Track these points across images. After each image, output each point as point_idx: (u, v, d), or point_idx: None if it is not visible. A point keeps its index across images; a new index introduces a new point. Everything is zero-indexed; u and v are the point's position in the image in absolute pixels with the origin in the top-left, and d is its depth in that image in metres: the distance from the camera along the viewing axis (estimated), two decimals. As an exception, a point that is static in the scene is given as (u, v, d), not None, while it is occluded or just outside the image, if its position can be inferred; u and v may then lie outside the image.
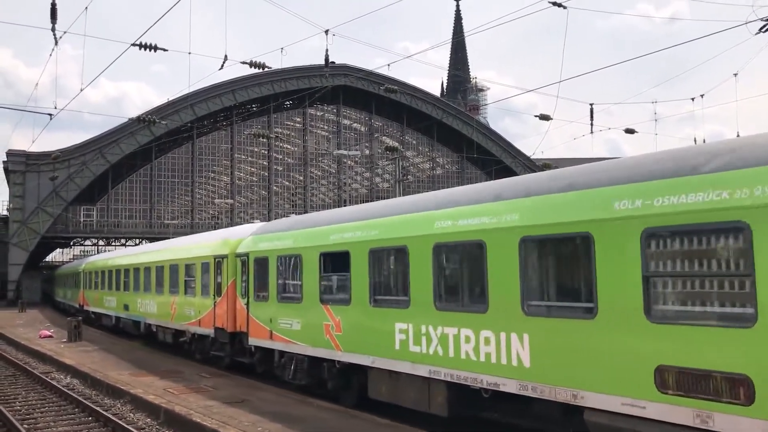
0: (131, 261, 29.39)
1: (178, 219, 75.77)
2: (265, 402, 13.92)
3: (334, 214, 14.89)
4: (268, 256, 16.19)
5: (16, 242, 63.63)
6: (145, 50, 17.75)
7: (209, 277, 19.72)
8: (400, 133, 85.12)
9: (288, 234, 15.69)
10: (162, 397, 14.49)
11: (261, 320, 16.38)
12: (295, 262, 15.02)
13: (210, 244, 20.52)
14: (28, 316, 46.77)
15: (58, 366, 21.55)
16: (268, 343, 16.08)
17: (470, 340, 9.95)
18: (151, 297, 25.60)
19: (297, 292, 14.87)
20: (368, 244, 12.39)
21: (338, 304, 13.31)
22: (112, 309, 31.90)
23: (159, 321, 24.73)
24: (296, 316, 14.73)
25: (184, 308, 21.78)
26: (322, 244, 13.94)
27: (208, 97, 71.34)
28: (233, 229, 21.45)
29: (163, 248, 26.26)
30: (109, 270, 33.24)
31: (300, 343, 14.56)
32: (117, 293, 30.97)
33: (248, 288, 17.19)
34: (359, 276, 12.59)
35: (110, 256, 37.99)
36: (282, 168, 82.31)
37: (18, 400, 16.42)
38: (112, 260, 34.05)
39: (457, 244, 10.45)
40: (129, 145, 68.18)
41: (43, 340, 28.85)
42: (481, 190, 10.75)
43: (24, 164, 63.85)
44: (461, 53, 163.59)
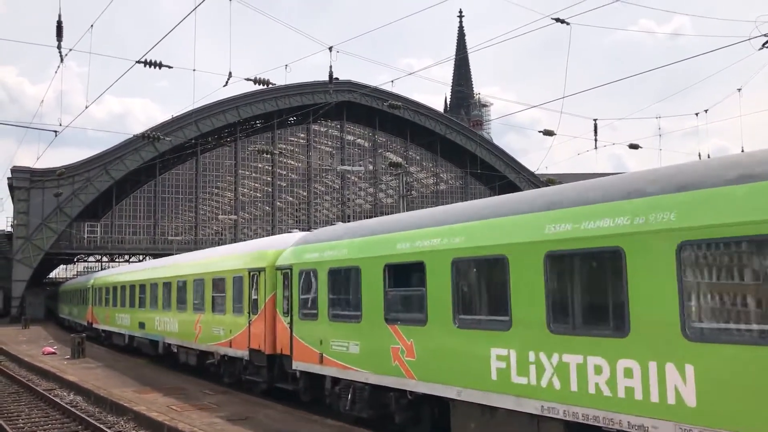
0: (148, 276, 27.24)
1: (181, 235, 75.57)
2: (270, 419, 13.74)
3: (401, 219, 12.93)
4: (316, 268, 14.26)
5: (20, 258, 62.82)
6: (151, 67, 17.92)
7: (243, 292, 17.71)
8: (404, 148, 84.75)
9: (341, 243, 13.80)
10: (165, 415, 14.32)
11: (308, 342, 14.38)
12: (352, 275, 13.10)
13: (243, 256, 18.47)
14: (31, 332, 46.21)
15: (61, 383, 21.31)
16: (317, 368, 14.02)
17: (602, 370, 8.00)
18: (171, 315, 23.52)
19: (355, 310, 12.90)
20: (451, 254, 10.46)
21: (410, 324, 11.33)
22: (125, 327, 29.83)
23: (181, 341, 22.57)
24: (354, 337, 12.78)
25: (211, 327, 19.69)
26: (387, 253, 12.06)
27: (213, 114, 71.21)
28: (269, 240, 19.34)
29: (185, 262, 24.09)
30: (122, 285, 31.01)
31: (359, 369, 12.54)
32: (131, 310, 28.87)
33: (291, 305, 15.19)
34: (438, 291, 10.66)
35: (123, 270, 35.12)
36: (286, 184, 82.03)
37: (21, 418, 16.24)
38: (126, 275, 31.62)
39: (581, 252, 8.44)
40: (133, 161, 67.83)
41: (46, 357, 28.50)
42: (610, 186, 8.69)
43: (29, 181, 63.08)
44: (464, 69, 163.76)
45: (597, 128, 29.32)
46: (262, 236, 66.13)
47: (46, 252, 64.36)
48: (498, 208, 10.33)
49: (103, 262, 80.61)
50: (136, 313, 28.08)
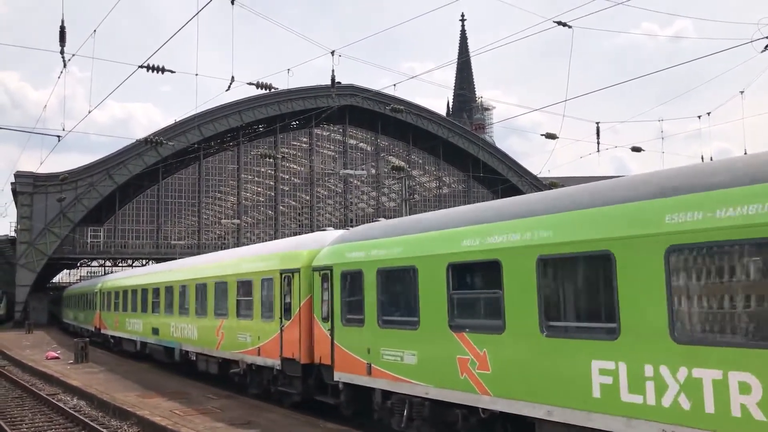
0: (162, 279, 25.61)
1: (184, 239, 75.55)
2: (273, 424, 13.61)
3: (466, 212, 11.37)
4: (361, 269, 12.87)
5: (24, 263, 62.00)
6: (153, 72, 17.98)
7: (273, 296, 16.25)
8: (407, 152, 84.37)
9: (392, 241, 12.33)
10: (168, 419, 14.26)
11: (353, 350, 12.92)
12: (406, 276, 11.68)
13: (273, 257, 16.97)
14: (35, 337, 45.67)
15: (64, 387, 21.24)
16: (364, 380, 12.51)
17: (751, 389, 6.57)
18: (189, 320, 21.89)
19: (410, 315, 11.49)
20: (535, 250, 9.00)
21: (482, 331, 9.90)
22: (137, 333, 28.15)
23: (200, 348, 20.96)
24: (410, 346, 11.36)
25: (236, 334, 18.17)
26: (452, 251, 10.62)
27: (215, 118, 70.84)
28: (301, 239, 17.68)
29: (203, 264, 22.41)
30: (133, 289, 29.29)
31: (417, 383, 11.12)
32: (144, 315, 27.20)
33: (332, 309, 13.73)
34: (519, 294, 9.20)
35: (134, 273, 33.49)
36: (288, 188, 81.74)
37: (25, 422, 16.19)
38: (138, 278, 29.90)
39: (720, 244, 6.98)
40: (136, 165, 67.37)
41: (49, 362, 28.33)
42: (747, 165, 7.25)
43: (32, 186, 62.27)
44: (467, 72, 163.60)
45: (599, 131, 29.40)
46: (265, 240, 66.25)
47: (50, 257, 63.73)
48: (598, 195, 8.82)
49: (106, 266, 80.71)
50: (149, 319, 26.56)
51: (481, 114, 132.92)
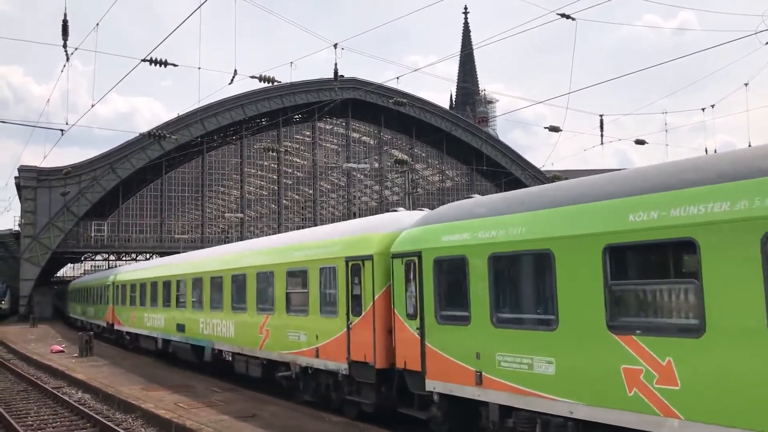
0: (189, 270, 23.09)
1: (188, 233, 75.58)
2: (277, 417, 13.48)
3: (635, 177, 8.68)
4: (466, 255, 10.49)
5: (28, 257, 61.11)
6: (156, 66, 17.97)
7: (337, 287, 13.95)
8: (410, 145, 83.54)
9: (511, 219, 9.96)
10: (173, 412, 14.18)
11: (454, 354, 10.64)
12: (538, 262, 9.42)
13: (336, 242, 14.53)
14: (39, 331, 45.30)
15: (69, 381, 21.16)
16: (472, 391, 10.23)
17: None
18: (224, 316, 19.46)
19: (543, 312, 9.25)
20: (763, 226, 6.57)
21: (663, 334, 7.56)
22: (158, 329, 25.74)
23: (238, 347, 18.53)
24: (543, 351, 9.04)
25: (285, 332, 15.88)
26: (612, 229, 8.20)
27: (218, 112, 69.93)
28: (371, 220, 15.03)
29: (241, 252, 19.96)
30: (152, 282, 26.81)
31: (556, 398, 8.80)
32: (166, 310, 24.86)
33: (421, 304, 11.43)
34: (731, 285, 6.82)
35: (153, 264, 30.63)
36: (291, 182, 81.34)
37: (30, 415, 16.11)
38: (158, 270, 27.31)
39: None
40: (139, 160, 66.24)
41: (54, 355, 28.17)
42: None
43: (35, 180, 61.48)
44: (470, 65, 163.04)
45: (603, 124, 29.27)
46: (269, 234, 66.23)
47: (54, 251, 62.85)
48: None
49: (110, 261, 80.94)
50: (173, 314, 24.10)
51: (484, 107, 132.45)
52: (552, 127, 29.65)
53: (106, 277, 37.01)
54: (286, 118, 74.34)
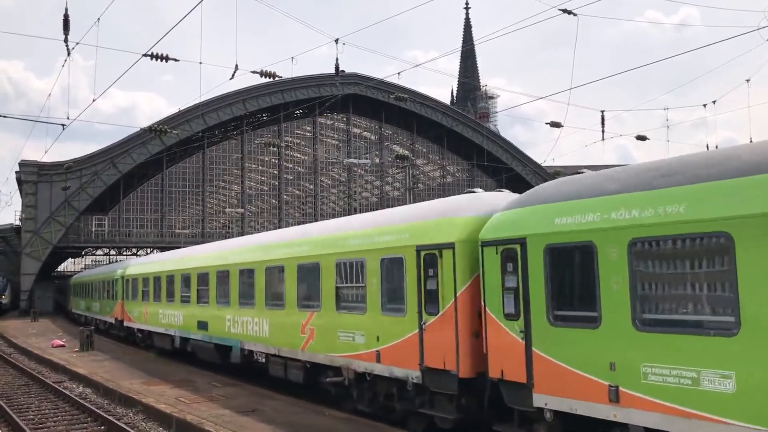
0: (213, 262, 20.78)
1: (189, 228, 75.72)
2: (278, 411, 13.49)
3: None
4: (593, 241, 8.63)
5: (29, 252, 61.36)
6: (157, 60, 17.93)
7: (405, 281, 11.98)
8: (410, 141, 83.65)
9: (663, 194, 8.00)
10: (174, 407, 14.25)
11: (575, 364, 8.79)
12: (701, 248, 7.54)
13: (403, 228, 12.43)
14: (40, 325, 45.47)
15: (70, 375, 21.17)
16: (606, 409, 8.40)
17: None
18: (256, 313, 17.46)
19: (718, 312, 7.41)
20: None
21: None
22: (175, 327, 23.77)
23: (275, 348, 16.46)
24: (716, 363, 7.25)
25: (335, 332, 13.87)
26: None
27: (219, 107, 70.04)
28: (446, 202, 12.70)
29: (276, 241, 17.67)
30: (168, 275, 24.76)
31: (738, 423, 6.98)
32: (185, 306, 22.82)
33: (526, 302, 9.58)
34: None
35: (169, 257, 27.84)
36: (292, 177, 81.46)
37: (31, 409, 16.18)
38: (176, 262, 25.07)
39: None
40: (140, 154, 66.28)
41: (55, 350, 28.28)
42: None
43: (36, 174, 61.84)
44: (471, 61, 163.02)
45: (604, 120, 29.24)
46: (269, 230, 66.23)
47: (55, 245, 63.25)
48: None
49: (110, 255, 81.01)
50: (193, 310, 22.02)
51: (485, 103, 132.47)
52: (553, 122, 29.65)
53: (114, 270, 34.94)
54: (287, 114, 74.32)
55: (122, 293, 32.10)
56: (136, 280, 29.79)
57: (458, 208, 11.69)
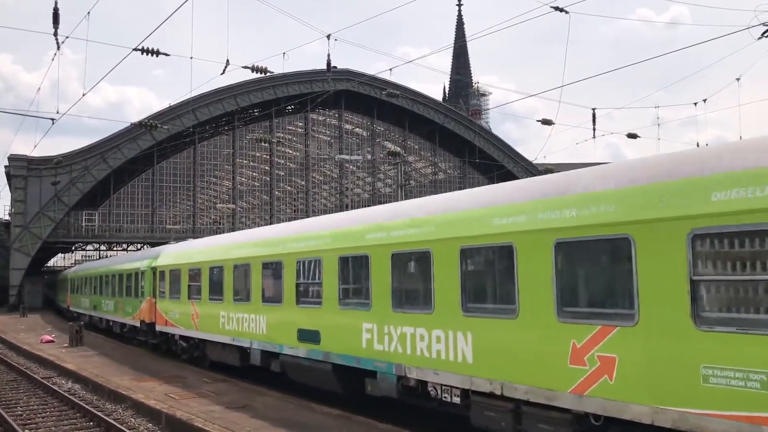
0: (328, 244, 13.63)
1: (179, 224, 75.62)
2: (268, 407, 13.52)
3: None
4: None
5: (18, 247, 61.53)
6: (148, 55, 17.82)
7: None
8: (402, 138, 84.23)
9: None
10: (163, 402, 14.24)
11: None
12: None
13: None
14: (29, 321, 45.64)
15: (59, 371, 21.22)
16: None
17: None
18: (437, 322, 10.72)
19: None
20: None
21: None
22: (253, 337, 16.53)
23: (487, 382, 9.68)
24: None
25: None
26: None
27: (210, 102, 70.22)
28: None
29: (481, 206, 10.54)
30: (240, 264, 17.27)
31: None
32: (272, 308, 15.74)
33: None
34: None
35: (231, 240, 19.64)
36: (284, 173, 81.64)
37: (19, 405, 16.21)
38: (250, 246, 17.18)
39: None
40: (131, 150, 66.55)
41: (44, 345, 28.17)
42: None
43: (26, 169, 61.91)
44: (463, 58, 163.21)
45: (595, 117, 29.35)
46: (261, 225, 66.03)
47: (44, 240, 63.47)
48: None
49: (101, 250, 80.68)
50: (291, 314, 14.86)
51: (477, 100, 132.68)
52: (544, 120, 29.82)
53: (140, 259, 28.06)
54: (279, 109, 74.21)
55: (153, 289, 25.18)
56: (178, 271, 22.50)
57: None
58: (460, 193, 11.91)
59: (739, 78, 31.76)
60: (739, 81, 32.63)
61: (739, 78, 31.76)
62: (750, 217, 6.66)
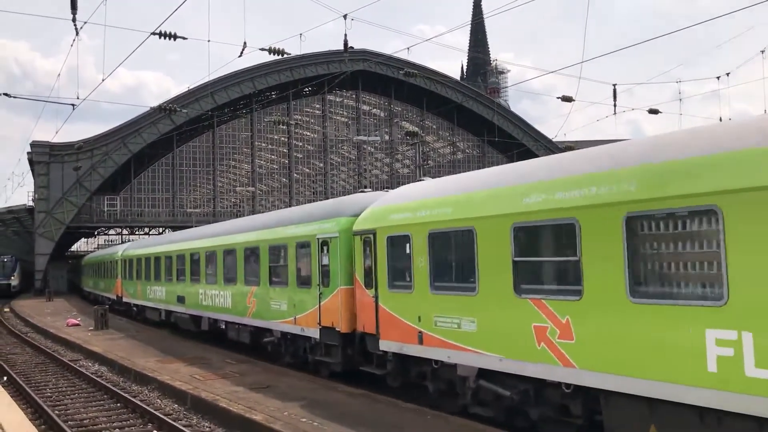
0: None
1: (200, 207, 76.33)
2: (291, 388, 13.69)
3: None
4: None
5: (42, 232, 62.69)
6: (166, 39, 17.87)
7: None
8: (420, 117, 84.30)
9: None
10: (189, 384, 14.49)
11: None
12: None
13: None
14: (55, 305, 46.46)
15: (86, 354, 21.62)
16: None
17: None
18: None
19: None
20: None
21: None
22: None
23: None
24: None
25: None
26: None
27: (228, 85, 70.37)
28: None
29: None
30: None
31: None
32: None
33: None
34: None
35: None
36: (302, 155, 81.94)
37: (48, 387, 16.62)
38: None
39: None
40: (150, 134, 67.13)
41: (70, 329, 28.78)
42: None
43: (48, 155, 62.82)
44: (480, 35, 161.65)
45: (616, 93, 28.98)
46: (280, 208, 66.30)
47: (67, 225, 64.47)
48: None
49: (123, 235, 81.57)
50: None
51: (495, 78, 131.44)
52: (564, 97, 29.45)
53: (308, 220, 16.48)
54: (296, 91, 74.07)
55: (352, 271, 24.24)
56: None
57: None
58: None
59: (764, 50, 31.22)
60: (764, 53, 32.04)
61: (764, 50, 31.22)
62: None
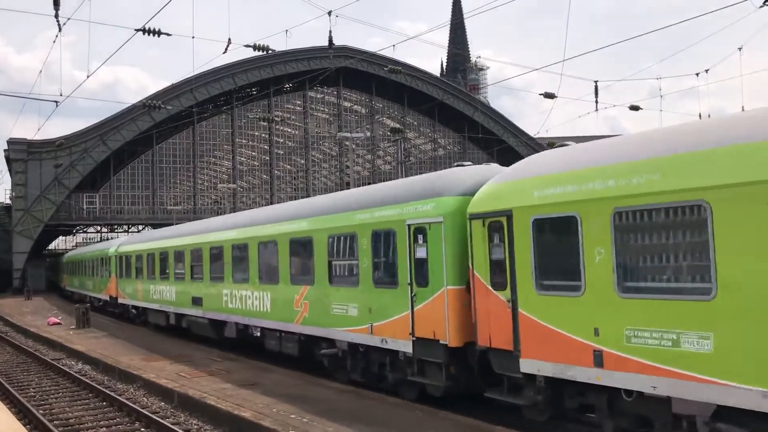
0: None
1: (180, 204, 75.75)
2: (278, 384, 13.70)
3: None
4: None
5: (20, 230, 61.96)
6: (151, 35, 17.71)
7: None
8: (402, 114, 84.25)
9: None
10: (175, 381, 14.40)
11: None
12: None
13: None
14: (34, 303, 46.00)
15: (68, 352, 21.34)
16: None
17: None
18: None
19: None
20: None
21: None
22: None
23: None
24: None
25: None
26: None
27: (208, 82, 69.83)
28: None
29: None
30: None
31: None
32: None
33: None
34: None
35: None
36: (283, 152, 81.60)
37: (32, 387, 16.36)
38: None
39: None
40: (130, 131, 66.59)
41: (51, 327, 28.37)
42: None
43: (26, 152, 62.08)
44: (460, 32, 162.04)
45: (597, 90, 29.21)
46: (262, 205, 66.00)
47: (46, 223, 63.79)
48: None
49: (102, 232, 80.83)
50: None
51: (476, 75, 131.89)
52: (547, 93, 29.54)
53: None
54: (277, 88, 73.79)
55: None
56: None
57: None
58: None
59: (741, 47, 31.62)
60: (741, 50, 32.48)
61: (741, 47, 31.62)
62: None
